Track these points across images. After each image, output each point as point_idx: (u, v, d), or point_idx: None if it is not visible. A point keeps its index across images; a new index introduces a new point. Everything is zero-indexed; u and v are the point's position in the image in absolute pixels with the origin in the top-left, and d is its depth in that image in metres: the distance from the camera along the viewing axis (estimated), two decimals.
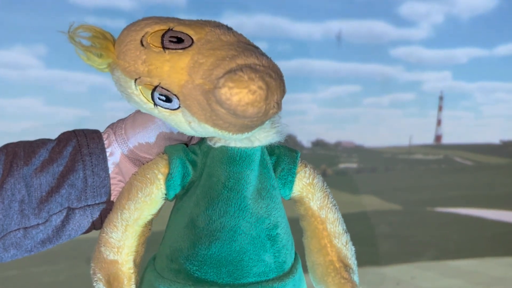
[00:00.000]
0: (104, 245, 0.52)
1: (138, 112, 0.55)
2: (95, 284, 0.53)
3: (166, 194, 0.52)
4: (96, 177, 0.54)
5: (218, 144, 0.50)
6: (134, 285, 0.53)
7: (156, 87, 0.46)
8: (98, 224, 0.54)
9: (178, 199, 0.53)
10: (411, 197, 4.20)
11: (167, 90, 0.46)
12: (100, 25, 0.50)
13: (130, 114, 0.56)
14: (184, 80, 0.45)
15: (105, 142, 0.55)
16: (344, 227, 0.55)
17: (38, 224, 0.53)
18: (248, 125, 0.44)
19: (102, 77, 0.55)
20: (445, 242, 3.67)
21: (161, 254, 0.53)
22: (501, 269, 3.26)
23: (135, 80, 0.48)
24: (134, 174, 0.53)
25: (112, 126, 0.56)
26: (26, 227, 0.52)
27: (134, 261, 0.53)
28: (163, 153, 0.53)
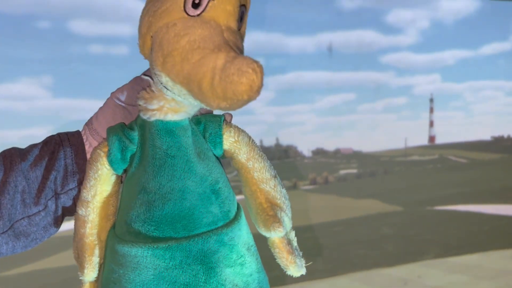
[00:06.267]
0: (76, 221, 0.58)
1: (100, 107, 0.62)
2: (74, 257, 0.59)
3: (113, 169, 0.56)
4: (75, 164, 0.59)
5: (153, 118, 0.54)
6: (97, 256, 0.58)
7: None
8: None
9: (126, 171, 0.57)
10: (410, 197, 4.21)
11: None
12: (102, 53, 0.59)
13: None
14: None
15: (84, 137, 0.61)
16: (272, 173, 0.60)
17: (39, 211, 0.58)
18: (224, 104, 0.47)
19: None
20: (446, 239, 3.69)
21: (120, 221, 0.56)
22: (503, 262, 3.29)
23: None
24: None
25: (86, 123, 0.62)
26: (30, 215, 0.58)
27: (98, 234, 0.58)
28: None
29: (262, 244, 0.61)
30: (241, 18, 0.51)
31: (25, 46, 3.04)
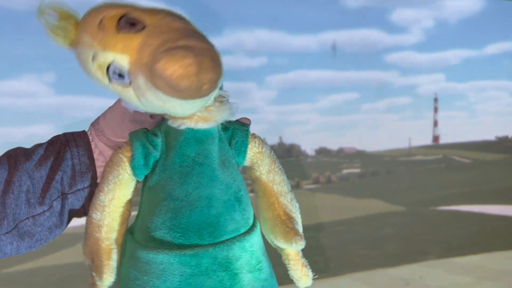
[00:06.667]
0: (88, 225, 0.57)
1: (108, 108, 0.61)
2: (84, 261, 0.58)
3: (134, 175, 0.56)
4: (83, 164, 0.59)
5: (183, 127, 0.54)
6: (114, 260, 0.57)
7: (110, 64, 0.50)
8: (87, 206, 0.59)
9: (148, 177, 0.57)
10: (413, 197, 4.21)
11: (120, 67, 0.50)
12: None
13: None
14: (134, 58, 0.48)
15: (89, 137, 0.60)
16: (289, 187, 0.61)
17: (44, 211, 0.58)
18: (187, 99, 0.47)
19: (110, 99, 0.62)
20: (449, 240, 3.68)
21: (141, 227, 0.56)
22: (506, 262, 3.29)
23: (92, 58, 0.51)
24: (107, 161, 0.57)
25: (93, 123, 0.61)
26: (34, 215, 0.57)
27: (115, 239, 0.57)
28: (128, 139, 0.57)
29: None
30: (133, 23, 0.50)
31: (27, 42, 3.03)
